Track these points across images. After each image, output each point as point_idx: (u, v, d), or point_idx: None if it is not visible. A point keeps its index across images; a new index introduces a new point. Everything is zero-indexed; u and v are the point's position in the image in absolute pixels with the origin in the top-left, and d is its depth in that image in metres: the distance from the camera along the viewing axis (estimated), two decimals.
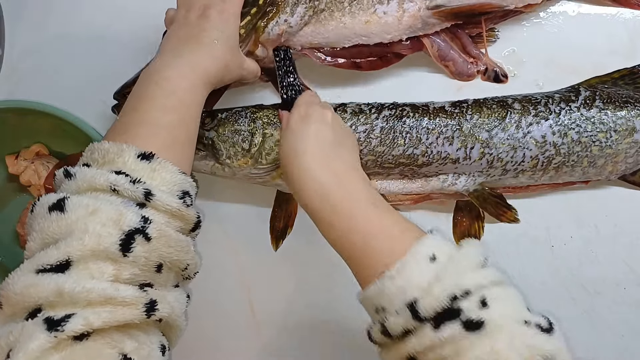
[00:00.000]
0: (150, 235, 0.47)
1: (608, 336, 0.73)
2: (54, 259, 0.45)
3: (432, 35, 0.71)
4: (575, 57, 0.74)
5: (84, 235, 0.45)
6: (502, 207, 0.72)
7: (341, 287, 0.76)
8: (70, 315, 0.43)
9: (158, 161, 0.51)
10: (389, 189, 0.73)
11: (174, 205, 0.50)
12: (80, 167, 0.50)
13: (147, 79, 0.57)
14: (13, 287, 0.44)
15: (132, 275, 0.46)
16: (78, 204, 0.47)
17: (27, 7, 0.81)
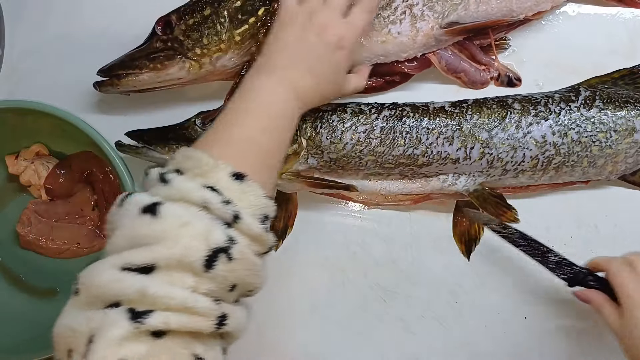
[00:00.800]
0: (233, 256, 0.48)
1: (608, 336, 0.73)
2: (141, 261, 0.45)
3: (439, 49, 0.71)
4: (575, 57, 0.74)
5: (175, 245, 0.46)
6: (502, 207, 0.72)
7: (341, 287, 0.76)
8: (152, 311, 0.44)
9: (249, 183, 0.51)
10: (389, 189, 0.73)
11: (257, 231, 0.50)
12: (175, 173, 0.51)
13: (249, 94, 0.57)
14: (97, 278, 0.45)
15: (208, 290, 0.47)
16: (171, 213, 0.47)
17: (27, 7, 0.81)
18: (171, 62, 0.68)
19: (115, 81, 0.69)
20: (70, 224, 0.79)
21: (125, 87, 0.70)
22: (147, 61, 0.68)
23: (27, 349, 0.73)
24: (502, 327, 0.74)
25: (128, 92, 0.73)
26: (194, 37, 0.67)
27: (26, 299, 0.79)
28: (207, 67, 0.68)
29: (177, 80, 0.69)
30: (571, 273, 0.67)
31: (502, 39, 0.74)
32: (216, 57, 0.68)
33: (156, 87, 0.71)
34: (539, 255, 0.68)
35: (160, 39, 0.68)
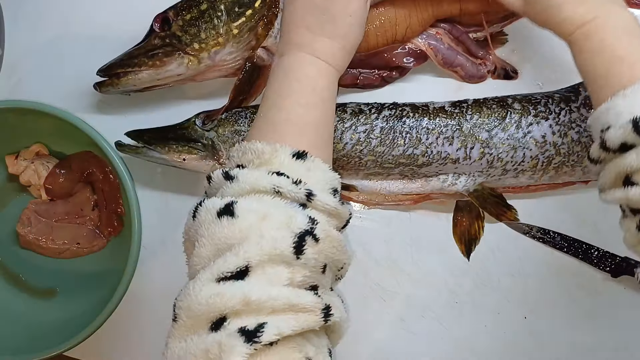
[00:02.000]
0: (318, 236, 0.48)
1: (608, 336, 0.73)
2: (234, 266, 0.45)
3: (435, 43, 0.71)
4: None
5: (261, 240, 0.45)
6: (502, 207, 0.73)
7: (341, 287, 0.76)
8: (263, 324, 0.43)
9: (311, 159, 0.51)
10: (389, 189, 0.73)
11: (332, 204, 0.50)
12: (237, 168, 0.50)
13: (285, 76, 0.57)
14: (196, 297, 0.44)
15: (304, 278, 0.47)
16: (248, 209, 0.47)
17: (27, 7, 0.81)
18: (170, 58, 0.68)
19: (115, 80, 0.69)
20: (70, 224, 0.79)
21: (125, 86, 0.70)
22: (145, 59, 0.68)
23: (27, 349, 0.73)
24: (502, 327, 0.74)
25: (128, 92, 0.73)
26: (191, 32, 0.67)
27: (26, 299, 0.79)
28: (206, 62, 0.68)
29: (176, 77, 0.69)
30: (613, 264, 0.71)
31: (499, 33, 0.74)
32: (214, 51, 0.68)
33: (156, 85, 0.71)
34: (582, 252, 0.72)
35: (158, 35, 0.68)
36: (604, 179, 0.53)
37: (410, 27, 0.69)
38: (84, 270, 0.79)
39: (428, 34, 0.71)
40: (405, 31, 0.69)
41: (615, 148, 0.50)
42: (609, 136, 0.50)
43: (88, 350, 0.76)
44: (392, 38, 0.69)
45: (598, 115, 0.52)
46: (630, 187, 0.50)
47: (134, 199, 0.72)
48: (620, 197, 0.51)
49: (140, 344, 0.76)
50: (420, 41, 0.70)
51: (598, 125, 0.52)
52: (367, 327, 0.75)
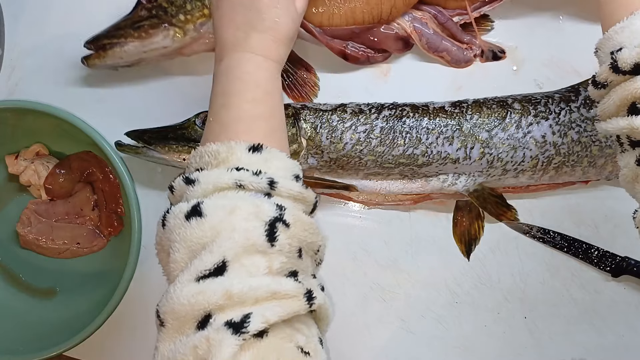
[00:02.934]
0: (288, 222, 0.48)
1: (608, 336, 0.73)
2: (211, 263, 0.45)
3: (420, 26, 0.71)
4: (575, 57, 0.74)
5: (233, 233, 0.46)
6: (502, 207, 0.73)
7: (341, 287, 0.76)
8: (248, 315, 0.43)
9: (268, 150, 0.52)
10: (389, 189, 0.73)
11: (296, 189, 0.50)
12: (196, 172, 0.51)
13: (226, 76, 0.57)
14: (178, 299, 0.44)
15: (281, 264, 0.47)
16: (215, 206, 0.47)
17: (27, 7, 0.81)
18: (156, 30, 0.68)
19: (102, 53, 0.69)
20: (70, 224, 0.79)
21: (112, 59, 0.69)
22: (132, 30, 0.68)
23: (27, 349, 0.73)
24: (502, 327, 0.74)
25: (116, 67, 0.73)
26: (177, 4, 0.68)
27: (26, 299, 0.79)
28: (191, 34, 0.68)
29: (163, 49, 0.69)
30: (613, 264, 0.72)
31: (485, 19, 0.74)
32: (200, 22, 0.68)
33: (143, 58, 0.70)
34: (581, 252, 0.73)
35: (144, 7, 0.68)
36: (606, 105, 0.52)
37: (395, 6, 0.69)
38: (84, 270, 0.79)
39: (414, 17, 0.71)
40: (390, 10, 0.69)
41: (627, 69, 0.49)
42: (622, 56, 0.49)
43: (88, 350, 0.76)
44: (377, 16, 0.70)
45: (611, 35, 0.51)
46: (636, 115, 0.48)
47: (134, 199, 0.72)
48: (623, 126, 0.50)
49: (141, 344, 0.76)
50: (406, 23, 0.70)
51: (609, 46, 0.51)
52: (367, 327, 0.75)
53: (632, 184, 0.52)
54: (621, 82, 0.50)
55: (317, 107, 0.71)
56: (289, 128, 0.69)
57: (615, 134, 0.52)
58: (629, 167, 0.52)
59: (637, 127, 0.48)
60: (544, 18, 0.76)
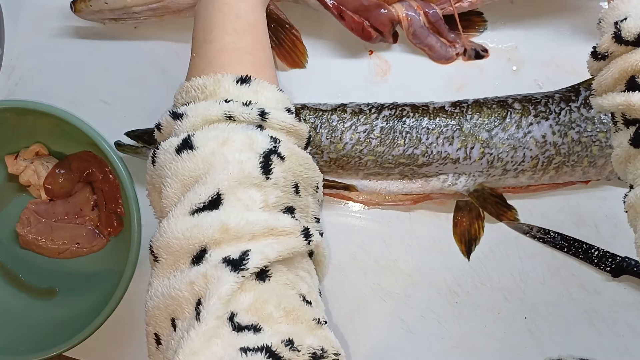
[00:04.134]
0: (283, 154, 0.46)
1: (608, 336, 0.73)
2: (205, 196, 0.43)
3: (413, 15, 0.70)
4: (575, 57, 0.74)
5: (226, 165, 0.44)
6: (502, 207, 0.73)
7: (341, 287, 0.76)
8: (247, 252, 0.42)
9: (256, 82, 0.50)
10: (389, 189, 0.73)
11: (289, 121, 0.49)
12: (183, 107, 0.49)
13: (206, 12, 0.55)
14: (172, 233, 0.43)
15: (277, 198, 0.45)
16: (206, 138, 0.46)
17: (26, 7, 0.81)
18: None
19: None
20: (69, 224, 0.79)
21: (96, 4, 0.69)
22: None
23: (27, 349, 0.73)
24: (502, 327, 0.74)
25: (103, 20, 0.72)
26: None
27: (26, 299, 0.79)
28: None
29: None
30: (613, 264, 0.71)
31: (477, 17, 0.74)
32: None
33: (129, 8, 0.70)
34: (582, 252, 0.72)
35: None
36: (604, 77, 0.50)
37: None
38: (84, 270, 0.79)
39: (409, 5, 0.71)
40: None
41: (631, 39, 0.47)
42: (627, 25, 0.47)
43: (88, 350, 0.76)
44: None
45: (617, 4, 0.49)
46: (633, 91, 0.47)
47: (133, 199, 0.72)
48: (619, 103, 0.48)
49: (141, 344, 0.76)
50: (402, 8, 0.70)
51: (613, 15, 0.49)
52: (367, 327, 0.75)
53: (624, 165, 0.50)
54: (623, 53, 0.48)
55: (317, 107, 0.71)
56: None
57: (610, 111, 0.50)
58: (622, 147, 0.49)
59: (633, 104, 0.46)
60: (544, 18, 0.76)
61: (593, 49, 0.51)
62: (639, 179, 0.48)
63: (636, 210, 0.49)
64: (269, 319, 0.41)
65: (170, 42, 0.78)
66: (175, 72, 0.78)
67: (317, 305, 0.46)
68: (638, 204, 0.48)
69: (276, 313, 0.42)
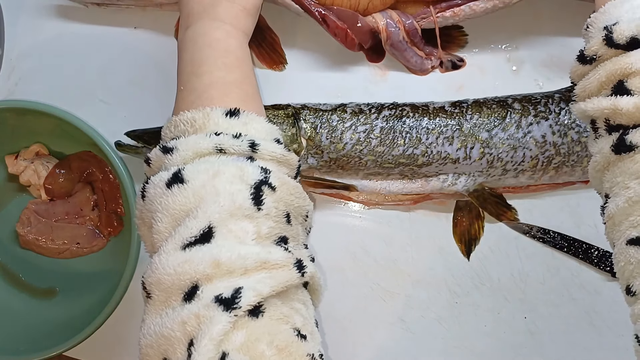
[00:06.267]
0: (274, 185, 0.46)
1: (608, 336, 0.73)
2: (197, 230, 0.43)
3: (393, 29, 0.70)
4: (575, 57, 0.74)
5: (217, 197, 0.44)
6: (502, 207, 0.73)
7: (341, 287, 0.76)
8: (239, 289, 0.41)
9: (245, 114, 0.50)
10: (389, 189, 0.73)
11: (279, 152, 0.49)
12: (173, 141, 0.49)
13: (194, 45, 0.56)
14: (164, 269, 0.43)
15: (269, 229, 0.45)
16: (196, 171, 0.46)
17: (27, 7, 0.81)
18: None
19: None
20: (70, 224, 0.79)
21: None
22: None
23: (27, 349, 0.73)
24: (502, 327, 0.74)
25: (86, 3, 0.73)
26: None
27: (26, 299, 0.79)
28: None
29: None
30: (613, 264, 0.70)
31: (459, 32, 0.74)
32: None
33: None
34: (582, 252, 0.72)
35: None
36: (589, 82, 0.49)
37: (372, 2, 0.69)
38: (84, 270, 0.79)
39: (390, 17, 0.70)
40: (368, 5, 0.69)
41: (622, 42, 0.46)
42: (619, 28, 0.46)
43: (88, 350, 0.76)
44: (355, 6, 0.69)
45: (608, 8, 0.49)
46: (620, 95, 0.45)
47: (133, 199, 0.72)
48: (605, 107, 0.46)
49: None
50: (381, 19, 0.70)
51: (603, 20, 0.49)
52: (367, 327, 0.75)
53: (602, 173, 0.49)
54: (612, 56, 0.47)
55: (317, 107, 0.71)
56: (289, 128, 0.69)
57: (592, 117, 0.49)
58: (602, 154, 0.48)
59: (620, 108, 0.45)
60: (544, 18, 0.76)
61: (580, 53, 0.50)
62: (615, 188, 0.48)
63: (614, 222, 0.47)
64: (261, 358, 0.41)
65: (170, 42, 0.77)
66: (175, 72, 0.78)
67: (312, 339, 0.45)
68: (617, 215, 0.47)
69: (268, 351, 0.41)
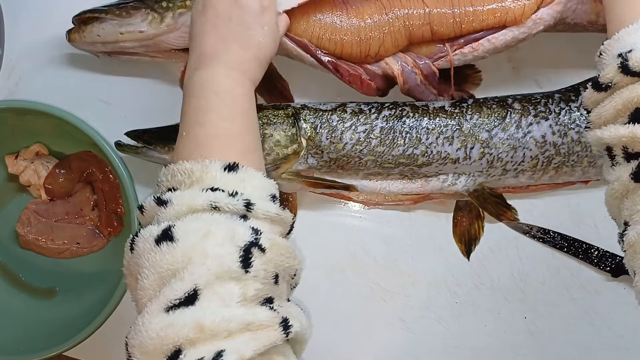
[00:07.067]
0: (264, 246, 0.46)
1: (608, 336, 0.73)
2: (181, 292, 0.43)
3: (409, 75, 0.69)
4: (575, 57, 0.74)
5: (206, 259, 0.44)
6: (502, 207, 0.73)
7: (341, 287, 0.76)
8: (221, 352, 0.41)
9: (244, 169, 0.50)
10: (389, 189, 0.73)
11: (273, 211, 0.49)
12: (169, 192, 0.49)
13: (202, 90, 0.56)
14: (147, 332, 0.42)
15: (256, 291, 0.45)
16: (187, 230, 0.45)
17: (27, 7, 0.81)
18: (136, 11, 0.69)
19: (82, 27, 0.71)
20: (69, 224, 0.79)
21: (90, 35, 0.71)
22: (115, 8, 0.70)
23: (27, 349, 0.73)
24: (502, 327, 0.74)
25: (97, 53, 0.74)
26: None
27: (26, 299, 0.79)
28: (167, 22, 0.69)
29: (139, 33, 0.70)
30: (613, 264, 0.71)
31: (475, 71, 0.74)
32: (179, 13, 0.69)
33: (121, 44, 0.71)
34: (582, 252, 0.73)
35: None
36: (605, 109, 0.49)
37: (384, 46, 0.68)
38: (84, 270, 0.79)
39: (405, 64, 0.69)
40: (379, 49, 0.68)
41: (638, 70, 0.46)
42: (635, 56, 0.46)
43: (88, 350, 0.76)
44: (365, 52, 0.68)
45: (622, 36, 0.49)
46: (638, 123, 0.45)
47: (133, 199, 0.72)
48: (622, 134, 0.46)
49: None
50: (395, 65, 0.69)
51: (617, 47, 0.49)
52: (367, 327, 0.75)
53: (620, 200, 0.49)
54: (628, 84, 0.47)
55: (317, 107, 0.71)
56: (289, 128, 0.69)
57: (608, 145, 0.49)
58: (620, 181, 0.48)
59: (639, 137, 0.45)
60: None
61: (594, 80, 0.50)
62: (636, 216, 0.47)
63: (635, 250, 0.46)
64: None
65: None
66: (175, 72, 0.78)
67: None
68: (638, 243, 0.46)
69: None
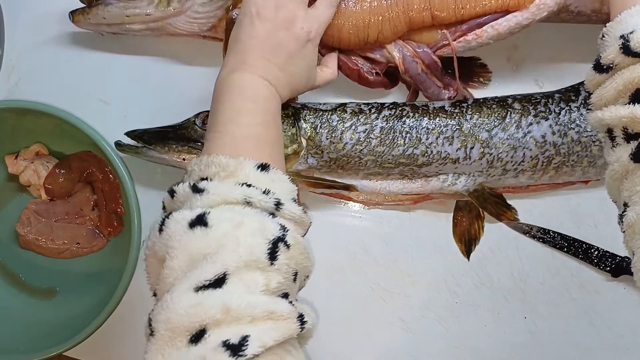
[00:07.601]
0: (289, 243, 0.49)
1: (608, 336, 0.73)
2: (212, 274, 0.45)
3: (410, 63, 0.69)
4: (575, 57, 0.74)
5: (238, 247, 0.46)
6: (502, 207, 0.73)
7: (341, 287, 0.76)
8: (246, 337, 0.43)
9: (274, 171, 0.53)
10: (389, 189, 0.73)
11: (298, 213, 0.51)
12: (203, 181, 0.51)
13: (240, 93, 0.58)
14: (175, 308, 0.44)
15: (278, 284, 0.47)
16: (220, 218, 0.47)
17: (27, 7, 0.81)
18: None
19: (86, 9, 0.71)
20: (69, 224, 0.79)
21: (95, 17, 0.71)
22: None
23: (27, 349, 0.73)
24: (502, 327, 0.74)
25: (101, 32, 0.74)
26: None
27: (26, 299, 0.79)
28: (174, 5, 0.69)
29: (145, 16, 0.70)
30: (613, 264, 0.72)
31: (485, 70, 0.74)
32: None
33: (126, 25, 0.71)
34: (582, 252, 0.73)
35: None
36: (605, 90, 0.49)
37: (382, 33, 0.68)
38: (84, 270, 0.79)
39: (405, 52, 0.69)
40: (377, 36, 0.68)
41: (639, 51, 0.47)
42: (636, 37, 0.47)
43: (88, 350, 0.76)
44: (364, 39, 0.68)
45: (624, 17, 0.50)
46: (638, 104, 0.46)
47: (133, 199, 0.72)
48: (622, 115, 0.47)
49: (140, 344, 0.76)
50: (396, 53, 0.69)
51: (619, 29, 0.49)
52: (367, 327, 0.75)
53: (619, 181, 0.49)
54: (629, 64, 0.48)
55: (317, 107, 0.71)
56: (289, 128, 0.69)
57: (609, 126, 0.49)
58: (620, 162, 0.49)
59: (639, 117, 0.46)
60: None
61: (596, 62, 0.51)
62: (635, 196, 0.47)
63: (634, 230, 0.47)
64: None
65: (170, 42, 0.77)
66: (175, 72, 0.78)
67: None
68: (638, 223, 0.46)
69: None
